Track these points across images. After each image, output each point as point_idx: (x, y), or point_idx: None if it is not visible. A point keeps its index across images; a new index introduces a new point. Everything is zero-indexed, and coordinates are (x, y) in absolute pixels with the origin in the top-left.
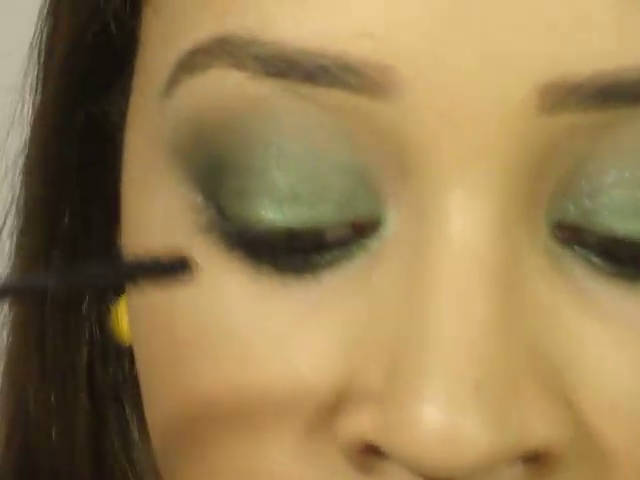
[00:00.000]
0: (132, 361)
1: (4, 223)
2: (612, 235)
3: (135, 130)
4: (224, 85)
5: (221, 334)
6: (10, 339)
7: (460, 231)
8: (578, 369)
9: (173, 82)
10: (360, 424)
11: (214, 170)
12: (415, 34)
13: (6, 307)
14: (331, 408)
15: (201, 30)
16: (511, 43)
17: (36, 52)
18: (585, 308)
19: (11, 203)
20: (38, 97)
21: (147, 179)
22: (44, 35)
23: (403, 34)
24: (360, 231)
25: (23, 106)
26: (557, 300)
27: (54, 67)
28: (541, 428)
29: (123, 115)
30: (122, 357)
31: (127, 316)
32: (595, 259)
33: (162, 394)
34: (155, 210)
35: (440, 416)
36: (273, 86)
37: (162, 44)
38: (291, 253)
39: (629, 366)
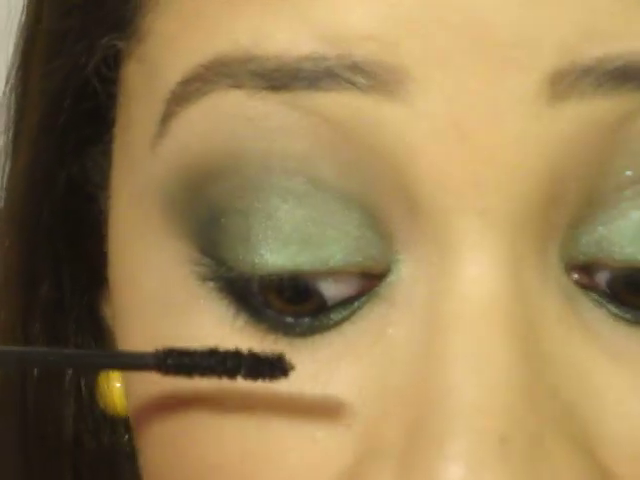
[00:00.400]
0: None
1: None
2: (630, 264)
3: (121, 187)
4: (223, 108)
5: (229, 402)
6: None
7: (474, 276)
8: (598, 418)
9: (166, 118)
10: None
11: (213, 219)
12: (421, 39)
13: None
14: (348, 474)
15: (191, 57)
16: (520, 44)
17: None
18: (601, 352)
19: None
20: (9, 162)
21: (138, 236)
22: (13, 95)
23: (409, 36)
24: (369, 283)
25: None
26: (573, 344)
27: (28, 131)
28: None
29: (104, 175)
30: (115, 427)
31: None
32: (610, 307)
33: (165, 464)
34: (148, 267)
35: (465, 476)
36: (274, 101)
37: (149, 90)
38: (297, 318)
39: None
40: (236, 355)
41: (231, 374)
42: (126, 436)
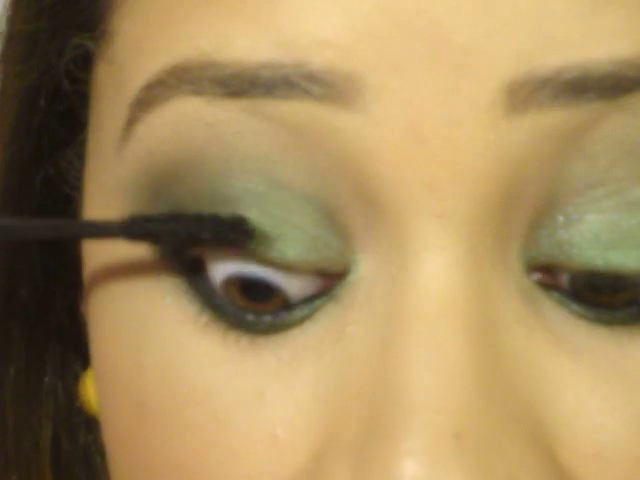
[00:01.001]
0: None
1: None
2: (590, 268)
3: (91, 188)
4: (184, 114)
5: (191, 397)
6: None
7: (432, 274)
8: (558, 416)
9: (131, 123)
10: None
11: None
12: (376, 43)
13: None
14: (311, 469)
15: (154, 62)
16: (476, 50)
17: None
18: (562, 350)
19: None
20: None
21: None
22: None
23: (365, 43)
24: (328, 282)
25: None
26: (533, 343)
27: (4, 133)
28: None
29: (79, 177)
30: (93, 430)
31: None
32: (572, 305)
33: (129, 461)
34: (116, 268)
35: (420, 472)
36: (233, 107)
37: (116, 91)
38: (259, 315)
39: (610, 411)
40: (198, 219)
41: (195, 237)
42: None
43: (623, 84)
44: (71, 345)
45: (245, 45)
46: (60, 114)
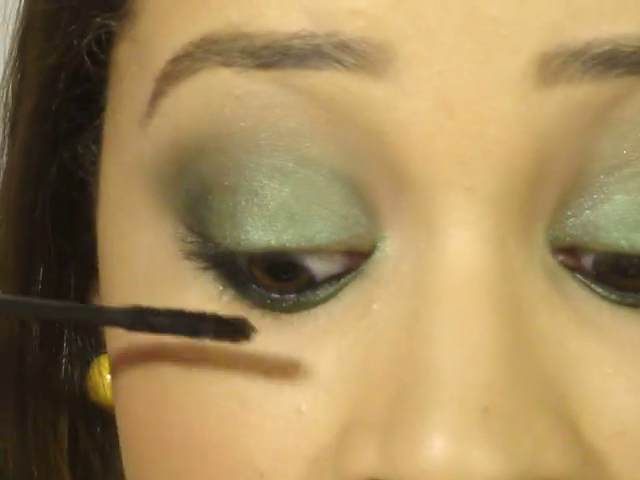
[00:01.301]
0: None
1: None
2: (615, 250)
3: (111, 167)
4: (212, 86)
5: (212, 374)
6: None
7: (459, 251)
8: (582, 394)
9: (156, 97)
10: (364, 461)
11: (200, 195)
12: (409, 16)
13: None
14: (334, 446)
15: (181, 36)
16: (510, 20)
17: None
18: (586, 330)
19: None
20: (6, 150)
21: (126, 215)
22: (11, 83)
23: (396, 12)
24: (355, 260)
25: None
26: (557, 322)
27: (24, 116)
28: (551, 457)
29: (95, 161)
30: (108, 422)
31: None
32: (596, 287)
33: (146, 442)
34: (137, 245)
35: (448, 446)
36: (263, 79)
37: (141, 68)
38: (283, 294)
39: (634, 391)
40: (201, 317)
41: (195, 335)
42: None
43: None
44: (85, 333)
45: (276, 16)
46: (78, 98)
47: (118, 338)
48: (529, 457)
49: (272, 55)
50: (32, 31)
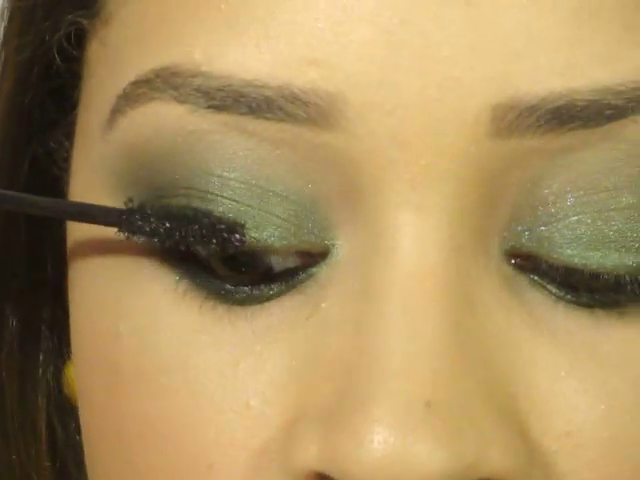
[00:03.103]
0: None
1: None
2: (568, 265)
3: (78, 166)
4: (165, 118)
5: (166, 364)
6: None
7: (408, 251)
8: (532, 394)
9: (116, 113)
10: (308, 453)
11: (156, 199)
12: (363, 58)
13: None
14: (281, 439)
15: (145, 61)
16: (462, 64)
17: None
18: (539, 332)
19: None
20: None
21: None
22: None
23: (350, 59)
24: (308, 260)
25: None
26: (510, 323)
27: (1, 107)
28: (495, 454)
29: (67, 157)
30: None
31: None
32: (551, 287)
33: (102, 429)
34: (98, 242)
35: (389, 439)
36: (215, 120)
37: (108, 74)
38: (237, 285)
39: (584, 392)
40: (195, 219)
41: (189, 240)
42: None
43: (606, 112)
44: (61, 331)
45: (235, 59)
46: (51, 92)
47: (79, 320)
48: (472, 452)
49: (225, 99)
50: (11, 27)
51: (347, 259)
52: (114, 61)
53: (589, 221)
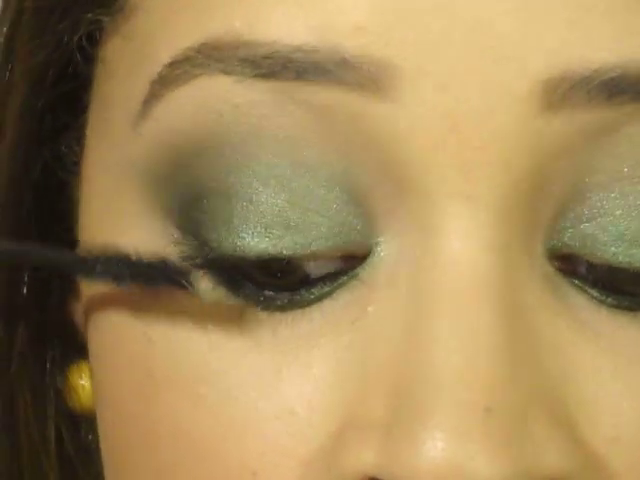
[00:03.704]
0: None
1: None
2: (611, 262)
3: (97, 167)
4: (210, 93)
5: (203, 372)
6: None
7: (459, 252)
8: (579, 399)
9: (151, 99)
10: (362, 460)
11: (194, 199)
12: (415, 29)
13: None
14: (329, 447)
15: (181, 39)
16: (514, 37)
17: None
18: (584, 336)
19: None
20: None
21: (114, 215)
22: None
23: (402, 29)
24: (351, 262)
25: None
26: (556, 326)
27: (12, 115)
28: (551, 459)
29: (76, 161)
30: (90, 426)
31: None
32: (592, 291)
33: (132, 439)
34: (126, 245)
35: (449, 446)
36: (263, 89)
37: (135, 66)
38: (277, 291)
39: (630, 395)
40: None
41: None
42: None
43: None
44: (69, 339)
45: (279, 26)
46: (64, 95)
47: (106, 327)
48: (529, 458)
49: (273, 66)
50: (21, 28)
51: (394, 257)
52: (142, 53)
53: (634, 214)
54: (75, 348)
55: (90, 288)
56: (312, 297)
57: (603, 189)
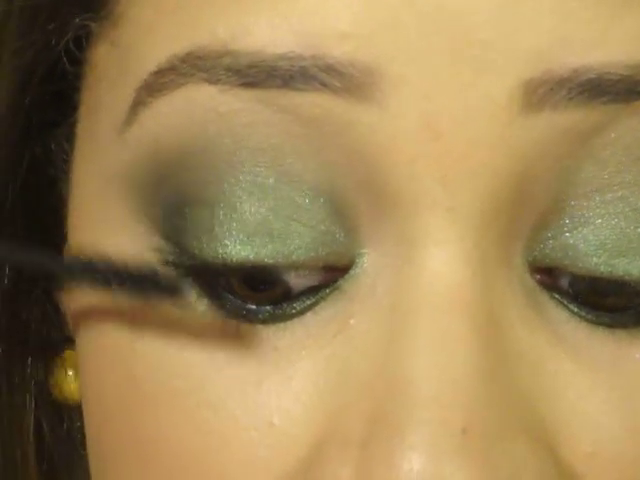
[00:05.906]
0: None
1: None
2: (592, 273)
3: (84, 170)
4: (196, 101)
5: (185, 383)
6: None
7: (438, 269)
8: (557, 415)
9: (136, 106)
10: (339, 476)
11: (178, 206)
12: (399, 37)
13: None
14: (308, 460)
15: (166, 47)
16: (497, 45)
17: None
18: (563, 351)
19: None
20: None
21: (99, 218)
22: None
23: (385, 34)
24: (333, 274)
25: None
26: (535, 343)
27: None
28: (528, 478)
29: (67, 159)
30: (73, 418)
31: (77, 369)
32: (572, 306)
33: (116, 445)
34: (110, 249)
35: (426, 466)
36: (247, 97)
37: (122, 73)
38: (259, 305)
39: (608, 412)
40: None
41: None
42: (77, 424)
43: (638, 88)
44: (51, 329)
45: (263, 35)
46: (52, 93)
47: (90, 335)
48: (507, 479)
49: (258, 75)
50: (7, 28)
51: (376, 269)
52: (128, 59)
53: (614, 222)
54: (61, 338)
55: (77, 290)
56: (294, 311)
57: (584, 197)
